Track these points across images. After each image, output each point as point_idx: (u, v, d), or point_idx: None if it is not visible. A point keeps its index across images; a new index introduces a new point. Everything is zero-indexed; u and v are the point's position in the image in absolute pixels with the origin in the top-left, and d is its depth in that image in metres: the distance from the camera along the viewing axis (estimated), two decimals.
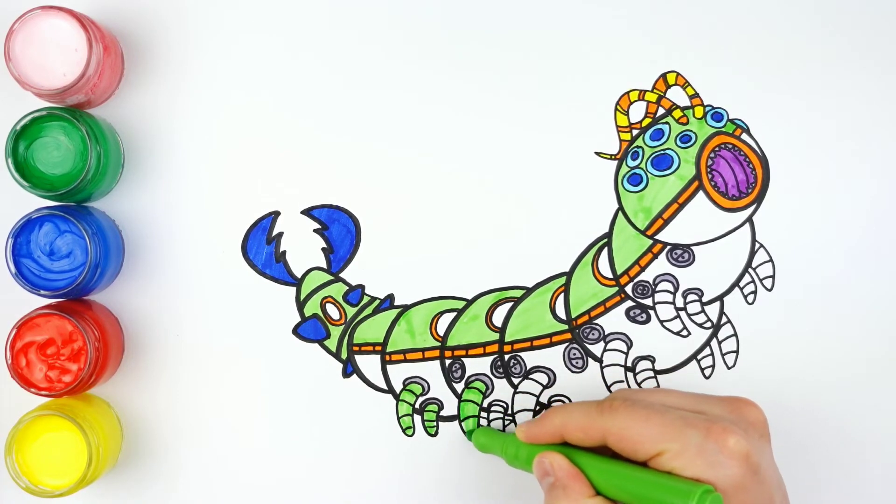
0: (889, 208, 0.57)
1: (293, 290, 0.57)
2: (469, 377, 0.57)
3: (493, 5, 0.57)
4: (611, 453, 0.49)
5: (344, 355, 0.57)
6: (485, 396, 0.57)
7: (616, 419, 0.47)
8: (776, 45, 0.57)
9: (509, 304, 0.57)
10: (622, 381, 0.57)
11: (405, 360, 0.57)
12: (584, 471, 0.48)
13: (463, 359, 0.57)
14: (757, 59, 0.57)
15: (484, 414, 0.57)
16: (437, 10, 0.57)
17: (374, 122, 0.57)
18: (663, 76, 0.57)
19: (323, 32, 0.57)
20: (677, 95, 0.57)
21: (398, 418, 0.57)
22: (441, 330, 0.57)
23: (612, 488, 0.47)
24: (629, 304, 0.57)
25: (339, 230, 0.57)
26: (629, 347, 0.57)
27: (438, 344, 0.57)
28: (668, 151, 0.57)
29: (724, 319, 0.57)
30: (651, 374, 0.57)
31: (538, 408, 0.57)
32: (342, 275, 0.57)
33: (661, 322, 0.57)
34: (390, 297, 0.57)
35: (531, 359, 0.57)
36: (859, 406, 0.57)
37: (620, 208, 0.57)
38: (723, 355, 0.57)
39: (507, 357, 0.57)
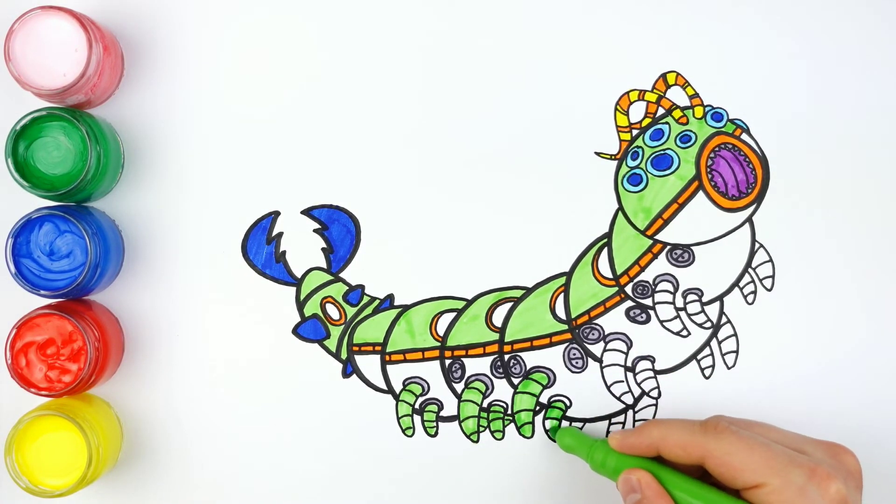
0: (889, 208, 0.57)
1: (293, 290, 0.57)
2: (469, 377, 0.57)
3: (493, 5, 0.57)
4: (699, 474, 0.49)
5: (344, 355, 0.57)
6: (485, 396, 0.57)
7: (721, 442, 0.47)
8: (776, 45, 0.57)
9: (509, 304, 0.57)
10: (622, 381, 0.57)
11: (405, 361, 0.57)
12: (669, 491, 0.48)
13: (463, 359, 0.57)
14: (757, 59, 0.57)
15: (484, 414, 0.57)
16: (438, 10, 0.57)
17: (374, 122, 0.57)
18: (663, 76, 0.57)
19: (323, 32, 0.57)
20: (677, 95, 0.57)
21: (398, 418, 0.57)
22: (441, 330, 0.57)
23: None
24: (629, 304, 0.57)
25: (339, 230, 0.57)
26: (629, 347, 0.57)
27: (438, 344, 0.57)
28: (668, 151, 0.57)
29: (724, 319, 0.57)
30: (651, 374, 0.57)
31: (538, 408, 0.57)
32: (342, 275, 0.57)
33: (661, 322, 0.57)
34: (390, 297, 0.57)
35: (531, 359, 0.57)
36: (859, 406, 0.57)
37: (620, 208, 0.57)
38: (723, 355, 0.57)
39: (507, 357, 0.57)
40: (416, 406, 0.57)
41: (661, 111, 0.57)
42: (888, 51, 0.57)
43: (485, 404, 0.57)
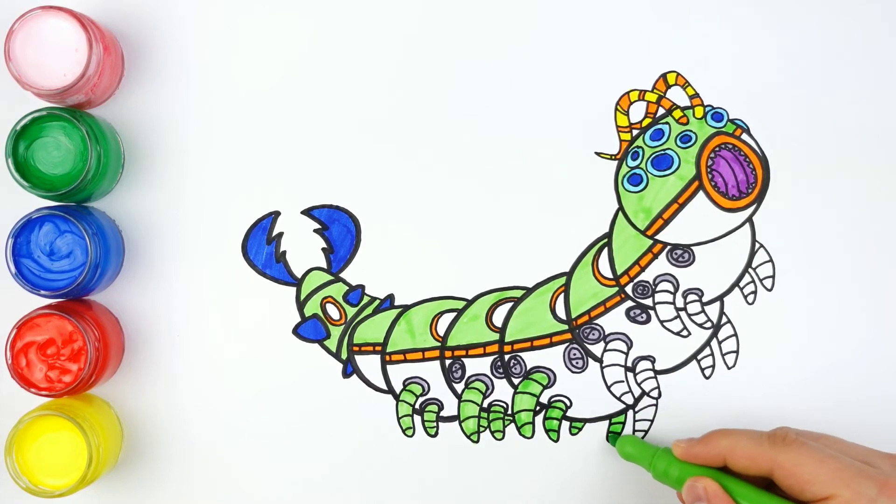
0: (889, 208, 0.57)
1: (293, 290, 0.57)
2: (469, 377, 0.57)
3: (493, 5, 0.57)
4: (764, 485, 0.48)
5: (344, 355, 0.57)
6: (485, 397, 0.57)
7: (790, 454, 0.47)
8: (776, 46, 0.57)
9: (509, 304, 0.57)
10: (622, 381, 0.57)
11: (405, 361, 0.57)
12: (736, 501, 0.48)
13: (463, 359, 0.57)
14: (757, 59, 0.57)
15: (484, 414, 0.57)
16: (440, 12, 0.57)
17: (374, 122, 0.57)
18: (663, 76, 0.57)
19: (323, 33, 0.57)
20: (677, 95, 0.57)
21: (398, 419, 0.57)
22: (441, 330, 0.57)
23: None
24: (629, 304, 0.57)
25: (339, 230, 0.57)
26: (629, 347, 0.57)
27: (438, 344, 0.57)
28: (668, 151, 0.57)
29: (724, 319, 0.57)
30: (651, 374, 0.57)
31: (538, 408, 0.57)
32: (342, 275, 0.57)
33: (661, 322, 0.57)
34: (390, 297, 0.57)
35: (531, 359, 0.57)
36: (860, 406, 0.57)
37: (620, 208, 0.57)
38: (723, 355, 0.57)
39: (507, 357, 0.57)
40: (417, 406, 0.57)
41: (661, 111, 0.57)
42: (889, 51, 0.57)
43: (485, 404, 0.57)
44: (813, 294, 0.57)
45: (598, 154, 0.57)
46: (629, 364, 0.57)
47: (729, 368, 0.57)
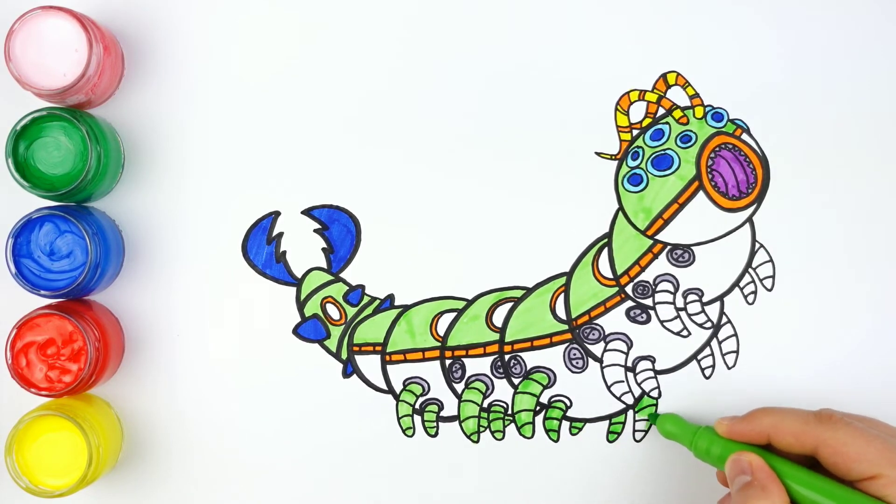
0: (889, 208, 0.57)
1: (293, 290, 0.57)
2: (469, 377, 0.57)
3: (494, 7, 0.57)
4: (806, 465, 0.48)
5: (344, 355, 0.57)
6: (485, 397, 0.57)
7: (836, 432, 0.47)
8: (776, 46, 0.57)
9: (509, 305, 0.57)
10: (622, 381, 0.57)
11: (405, 361, 0.57)
12: (780, 477, 0.48)
13: (463, 359, 0.57)
14: (757, 59, 0.57)
15: (484, 414, 0.57)
16: (440, 11, 0.57)
17: (374, 122, 0.57)
18: (663, 76, 0.57)
19: (322, 33, 0.57)
20: (677, 95, 0.57)
21: (398, 419, 0.57)
22: (441, 330, 0.57)
23: (810, 500, 0.47)
24: (629, 304, 0.57)
25: (339, 230, 0.57)
26: (629, 347, 0.57)
27: (438, 344, 0.57)
28: (668, 151, 0.57)
29: (724, 319, 0.57)
30: (651, 374, 0.57)
31: (538, 408, 0.57)
32: (342, 275, 0.57)
33: (662, 322, 0.57)
34: (390, 297, 0.57)
35: (531, 359, 0.57)
36: (860, 406, 0.57)
37: (620, 208, 0.57)
38: (723, 355, 0.57)
39: (507, 357, 0.57)
40: (417, 406, 0.57)
41: (661, 111, 0.57)
42: (889, 51, 0.57)
43: (485, 404, 0.57)
44: (813, 294, 0.57)
45: (598, 154, 0.57)
46: (629, 364, 0.57)
47: (729, 368, 0.57)
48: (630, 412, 0.57)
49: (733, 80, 0.57)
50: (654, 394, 0.57)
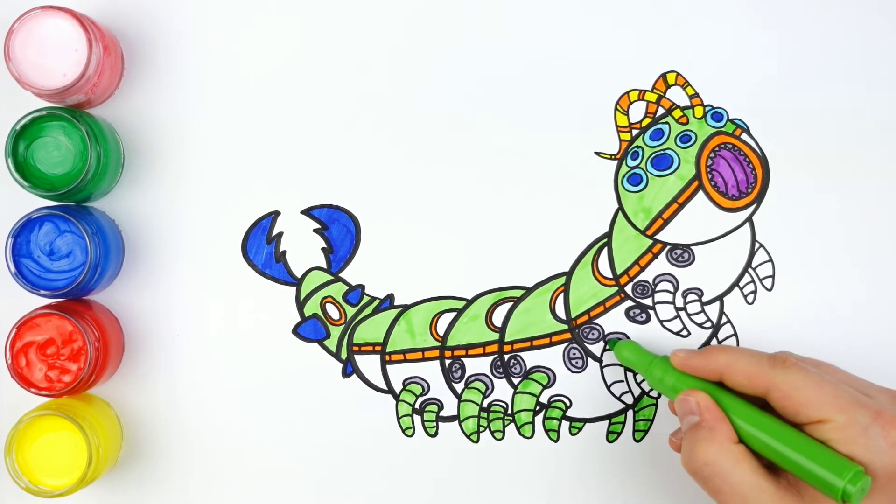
0: (889, 208, 0.57)
1: (293, 290, 0.57)
2: (469, 377, 0.57)
3: (494, 6, 0.57)
4: (757, 405, 0.48)
5: (344, 355, 0.57)
6: (485, 396, 0.57)
7: (788, 376, 0.47)
8: (776, 45, 0.57)
9: (509, 304, 0.57)
10: (622, 381, 0.57)
11: (405, 360, 0.57)
12: (729, 416, 0.48)
13: (463, 359, 0.57)
14: (757, 59, 0.57)
15: (484, 414, 0.57)
16: (440, 11, 0.57)
17: (374, 122, 0.57)
18: (663, 76, 0.57)
19: (322, 32, 0.57)
20: (677, 95, 0.57)
21: (398, 418, 0.57)
22: (441, 330, 0.57)
23: (757, 441, 0.47)
24: (629, 304, 0.57)
25: (339, 230, 0.57)
26: None
27: (438, 344, 0.57)
28: (668, 151, 0.57)
29: (724, 319, 0.57)
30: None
31: (538, 408, 0.57)
32: (342, 275, 0.57)
33: (661, 322, 0.57)
34: (390, 297, 0.57)
35: (531, 359, 0.57)
36: None
37: (620, 208, 0.57)
38: None
39: (507, 357, 0.57)
40: (416, 406, 0.57)
41: (661, 111, 0.57)
42: (889, 51, 0.57)
43: (485, 404, 0.57)
44: (813, 294, 0.57)
45: (598, 154, 0.57)
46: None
47: None
48: (630, 412, 0.57)
49: (733, 80, 0.57)
50: (654, 393, 0.57)
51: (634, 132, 0.57)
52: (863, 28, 0.57)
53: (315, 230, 0.57)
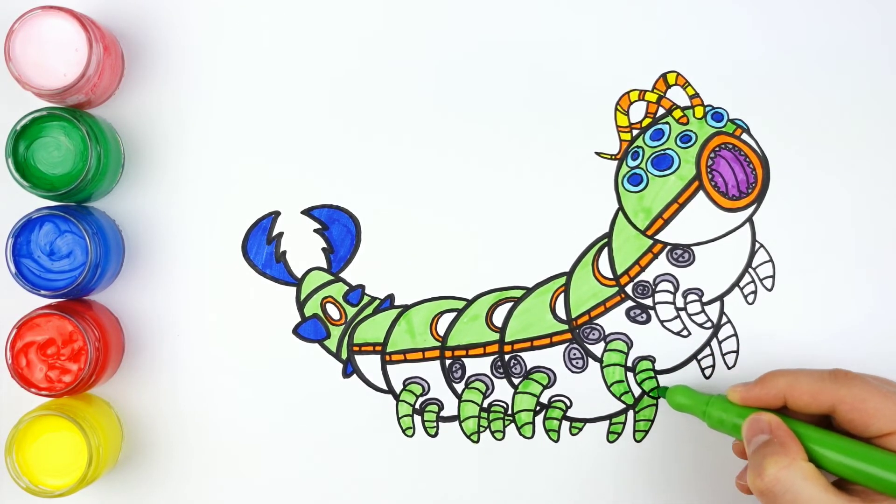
0: (889, 208, 0.57)
1: (293, 290, 0.57)
2: (469, 377, 0.57)
3: (493, 6, 0.57)
4: (823, 426, 0.48)
5: (344, 355, 0.57)
6: (485, 396, 0.57)
7: (854, 388, 0.47)
8: (776, 45, 0.57)
9: (509, 304, 0.57)
10: (622, 381, 0.57)
11: (405, 361, 0.57)
12: (799, 436, 0.48)
13: (463, 359, 0.57)
14: (757, 59, 0.57)
15: (484, 414, 0.57)
16: (439, 11, 0.57)
17: (374, 122, 0.57)
18: (663, 76, 0.57)
19: (322, 33, 0.57)
20: (677, 95, 0.57)
21: (398, 419, 0.57)
22: (441, 330, 0.57)
23: (829, 459, 0.47)
24: (629, 304, 0.57)
25: (339, 230, 0.57)
26: (629, 347, 0.57)
27: (438, 344, 0.57)
28: (668, 151, 0.57)
29: (724, 319, 0.57)
30: (651, 374, 0.57)
31: (538, 408, 0.57)
32: (342, 275, 0.57)
33: (662, 322, 0.57)
34: (390, 297, 0.57)
35: (531, 359, 0.57)
36: None
37: (620, 208, 0.57)
38: (723, 355, 0.57)
39: (507, 357, 0.57)
40: (417, 406, 0.57)
41: (661, 111, 0.57)
42: (889, 51, 0.57)
43: (485, 404, 0.57)
44: (813, 294, 0.57)
45: (598, 154, 0.57)
46: (629, 364, 0.57)
47: (729, 368, 0.57)
48: (630, 412, 0.57)
49: (733, 80, 0.57)
50: (654, 393, 0.57)
51: (635, 132, 0.57)
52: (863, 29, 0.57)
53: (315, 230, 0.57)
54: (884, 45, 0.57)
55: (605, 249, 0.57)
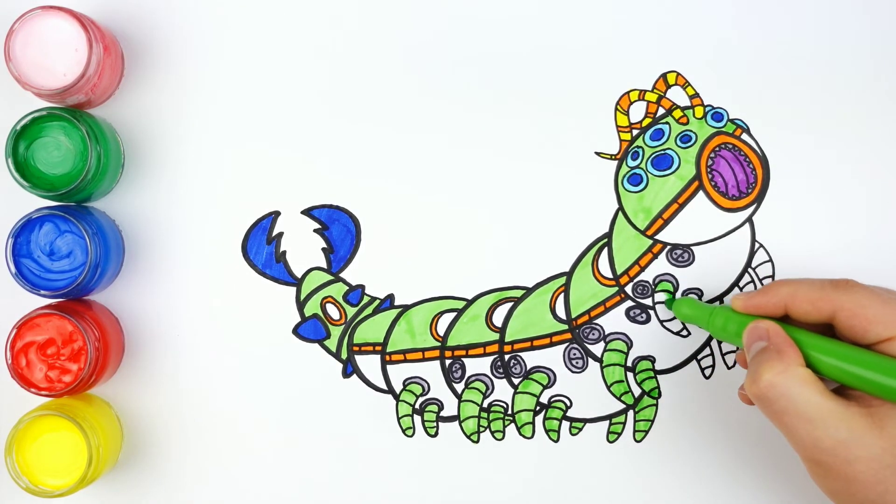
0: (889, 208, 0.57)
1: (293, 290, 0.57)
2: (469, 377, 0.57)
3: (493, 6, 0.57)
4: (827, 334, 0.48)
5: (344, 355, 0.57)
6: (485, 396, 0.57)
7: (853, 296, 0.47)
8: (776, 45, 0.57)
9: (509, 304, 0.57)
10: (622, 381, 0.57)
11: (405, 361, 0.57)
12: (798, 345, 0.47)
13: (463, 359, 0.57)
14: (757, 59, 0.57)
15: (484, 414, 0.57)
16: (438, 11, 0.57)
17: (374, 122, 0.57)
18: (663, 76, 0.57)
19: (322, 32, 0.57)
20: (677, 95, 0.57)
21: (398, 419, 0.57)
22: (441, 330, 0.57)
23: (828, 365, 0.46)
24: (629, 304, 0.57)
25: (339, 230, 0.57)
26: (629, 347, 0.57)
27: (438, 344, 0.57)
28: (668, 151, 0.57)
29: None
30: (651, 374, 0.57)
31: (538, 408, 0.57)
32: (342, 275, 0.57)
33: (661, 322, 0.57)
34: (390, 297, 0.57)
35: (531, 359, 0.57)
36: None
37: (620, 208, 0.57)
38: (723, 355, 0.57)
39: (507, 357, 0.57)
40: (417, 406, 0.57)
41: (661, 111, 0.57)
42: (889, 51, 0.57)
43: (485, 404, 0.57)
44: None
45: (598, 154, 0.57)
46: (629, 364, 0.57)
47: (729, 368, 0.57)
48: (630, 412, 0.57)
49: (733, 80, 0.57)
50: (654, 394, 0.57)
51: (635, 132, 0.57)
52: (864, 29, 0.57)
53: (315, 230, 0.57)
54: (884, 46, 0.57)
55: (605, 249, 0.57)
